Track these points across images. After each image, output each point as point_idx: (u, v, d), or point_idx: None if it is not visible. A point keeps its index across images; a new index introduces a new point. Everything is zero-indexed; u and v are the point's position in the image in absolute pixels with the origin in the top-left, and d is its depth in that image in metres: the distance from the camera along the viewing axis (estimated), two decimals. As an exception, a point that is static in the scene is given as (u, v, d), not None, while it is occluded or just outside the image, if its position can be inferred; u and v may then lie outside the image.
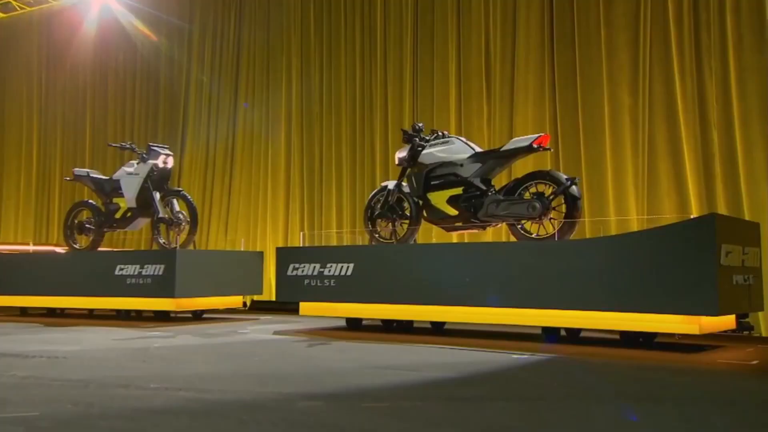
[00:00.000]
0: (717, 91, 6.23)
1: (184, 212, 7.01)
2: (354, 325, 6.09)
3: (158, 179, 7.07)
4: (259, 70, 9.50)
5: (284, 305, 7.77)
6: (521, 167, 6.66)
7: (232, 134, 9.64)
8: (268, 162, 9.22)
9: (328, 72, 8.87)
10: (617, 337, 4.81)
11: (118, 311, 7.36)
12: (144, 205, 7.13)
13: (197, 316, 7.31)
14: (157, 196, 7.03)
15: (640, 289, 4.25)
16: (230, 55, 9.80)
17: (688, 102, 6.39)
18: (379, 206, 5.89)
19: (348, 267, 5.63)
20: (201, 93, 9.98)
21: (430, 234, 6.70)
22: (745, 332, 5.49)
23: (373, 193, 6.09)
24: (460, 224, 5.46)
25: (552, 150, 5.56)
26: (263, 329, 6.14)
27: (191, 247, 7.10)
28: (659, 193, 6.40)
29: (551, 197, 4.96)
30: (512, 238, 5.37)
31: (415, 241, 5.86)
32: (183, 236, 6.98)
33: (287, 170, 9.09)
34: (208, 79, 9.87)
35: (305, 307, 5.96)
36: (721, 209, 6.05)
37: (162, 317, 7.04)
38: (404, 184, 5.80)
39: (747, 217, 5.86)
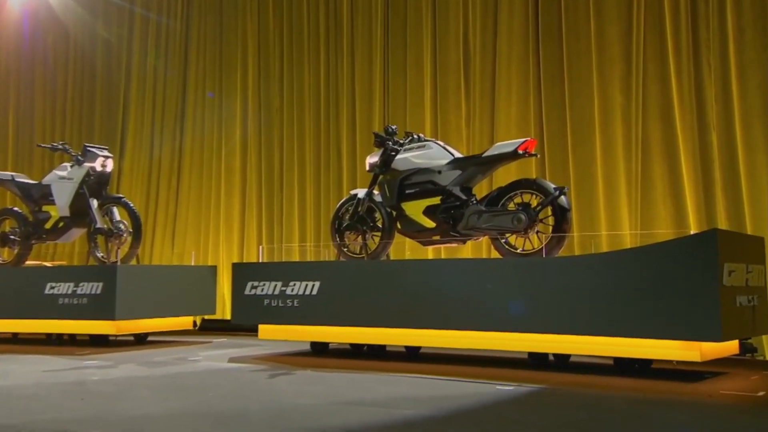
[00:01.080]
0: (716, 89, 6.35)
1: (125, 222, 6.92)
2: (320, 349, 6.07)
3: (95, 184, 6.96)
4: (211, 59, 9.42)
5: (240, 325, 7.71)
6: (505, 175, 6.72)
7: (179, 132, 9.54)
8: (221, 164, 9.14)
9: (289, 62, 8.83)
10: (610, 362, 4.88)
11: (49, 335, 7.21)
12: (79, 213, 7.01)
13: (141, 339, 7.20)
14: (95, 203, 6.92)
15: (635, 311, 4.32)
16: (178, 40, 9.71)
17: (685, 101, 6.52)
18: (347, 217, 5.88)
19: (313, 285, 5.61)
20: (144, 84, 9.85)
21: (403, 248, 6.71)
22: (749, 354, 5.63)
23: (341, 202, 6.08)
24: (437, 237, 5.49)
25: (538, 156, 5.61)
26: (217, 355, 6.08)
27: (133, 261, 6.99)
28: (654, 200, 6.51)
29: (538, 208, 5.01)
30: (495, 254, 5.40)
31: (387, 256, 5.86)
32: (124, 249, 6.87)
33: (243, 173, 9.03)
34: (160, 63, 9.72)
35: (265, 330, 5.92)
36: (721, 218, 6.19)
37: (100, 342, 6.91)
38: (376, 192, 5.80)
39: (749, 227, 6.01)
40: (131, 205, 6.98)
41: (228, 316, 7.99)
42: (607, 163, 6.77)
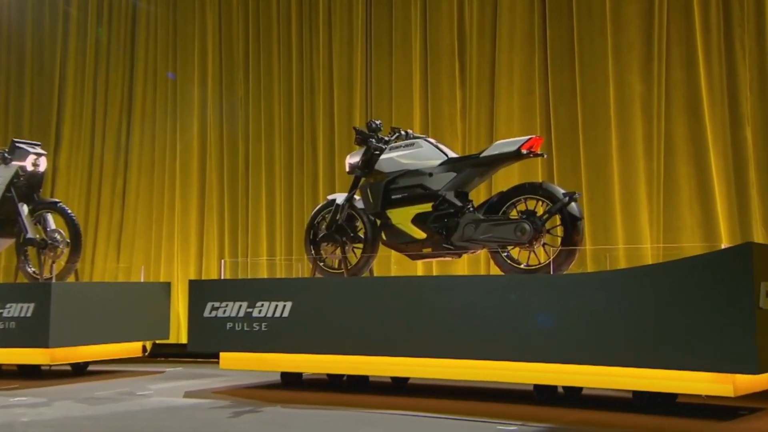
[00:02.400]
0: (751, 76, 6.41)
1: (61, 231, 6.89)
2: (292, 381, 6.07)
3: (26, 187, 6.93)
4: (163, 36, 9.39)
5: (198, 352, 7.68)
6: (506, 178, 6.75)
7: (126, 124, 9.50)
8: (175, 162, 9.11)
9: (256, 42, 8.83)
10: (629, 396, 4.91)
11: (-31, 366, 7.15)
12: (6, 221, 6.96)
13: (80, 370, 7.15)
14: (25, 209, 6.89)
15: (658, 338, 4.34)
16: (123, 15, 9.66)
17: (715, 90, 6.57)
18: (324, 226, 5.89)
19: (284, 306, 5.62)
20: (83, 67, 9.79)
21: (389, 262, 6.72)
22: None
23: (317, 208, 6.08)
24: (428, 250, 5.50)
25: (545, 155, 5.64)
26: (171, 389, 6.05)
27: (71, 278, 6.96)
28: (679, 206, 6.56)
29: (545, 217, 5.04)
30: (495, 270, 5.42)
31: (371, 272, 5.87)
32: (60, 263, 6.85)
33: (201, 173, 9.01)
34: (102, 34, 9.66)
35: (227, 358, 5.92)
36: (757, 228, 6.25)
37: (31, 374, 6.86)
38: (357, 197, 5.81)
39: (788, 235, 6.09)
40: (68, 211, 6.95)
41: (184, 341, 7.95)
42: (624, 163, 6.82)
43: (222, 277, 6.33)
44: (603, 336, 4.54)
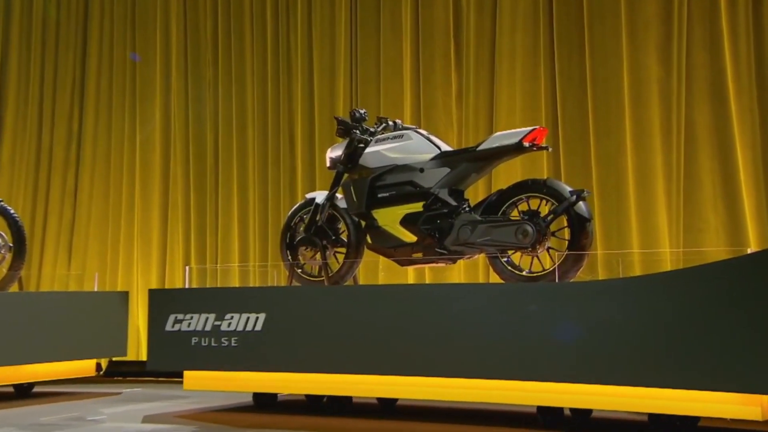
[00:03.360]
0: (784, 59, 6.49)
1: (3, 234, 6.86)
2: (265, 403, 6.07)
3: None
4: (120, 12, 9.36)
5: (159, 371, 7.67)
6: (507, 174, 6.76)
7: (78, 112, 9.49)
8: (134, 155, 9.10)
9: (225, 21, 8.83)
10: (644, 419, 4.92)
11: None
12: (-61, 223, 6.95)
13: (24, 392, 7.12)
14: (-40, 209, 6.87)
15: (676, 354, 4.36)
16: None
17: (742, 75, 6.61)
18: (302, 228, 5.89)
19: (256, 319, 5.61)
20: (29, 45, 9.74)
21: (375, 268, 6.73)
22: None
23: (294, 208, 6.09)
24: (419, 255, 5.51)
25: (550, 149, 5.66)
26: (128, 413, 6.04)
27: (14, 287, 6.93)
28: (701, 204, 6.61)
29: (550, 218, 5.05)
30: (494, 277, 5.43)
31: (355, 279, 5.88)
32: (2, 270, 6.82)
33: (164, 167, 9.00)
34: (51, 11, 9.63)
35: (192, 377, 5.91)
36: (788, 229, 6.30)
37: (-31, 395, 6.83)
38: (339, 196, 5.82)
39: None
40: (11, 211, 6.93)
41: (144, 358, 7.92)
42: (640, 156, 6.85)
43: (187, 286, 6.30)
44: (615, 352, 4.54)
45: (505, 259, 5.23)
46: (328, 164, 5.90)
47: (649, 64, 6.90)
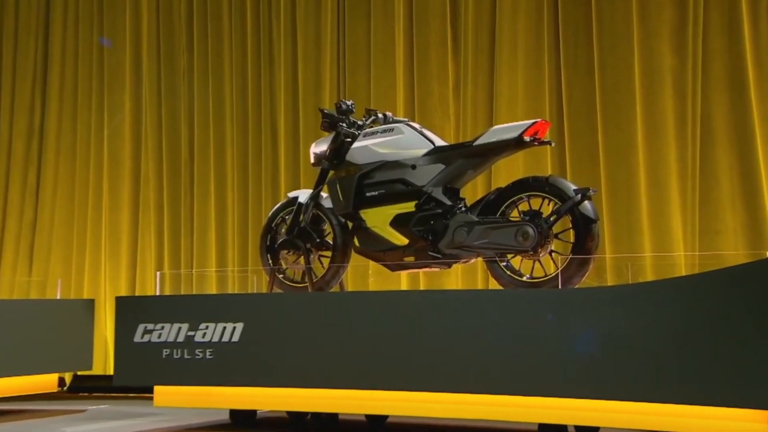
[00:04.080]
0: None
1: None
2: (243, 420, 6.07)
3: None
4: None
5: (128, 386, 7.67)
6: (508, 171, 6.79)
7: (40, 102, 9.53)
8: (102, 149, 9.13)
9: (201, 2, 8.90)
10: (655, 437, 4.96)
11: None
12: None
13: (-19, 409, 7.13)
14: None
15: (690, 367, 4.35)
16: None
17: (763, 62, 6.65)
18: (284, 230, 5.91)
19: (234, 329, 5.59)
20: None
21: (365, 273, 6.75)
22: None
23: (275, 208, 6.10)
24: (411, 259, 5.52)
25: (554, 144, 5.68)
26: (93, 432, 6.06)
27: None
28: (718, 204, 6.65)
29: (552, 218, 5.07)
30: (492, 283, 5.45)
31: (341, 285, 5.90)
32: (-42, 276, 6.84)
33: (135, 163, 9.03)
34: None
35: (164, 393, 5.87)
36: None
37: None
38: (324, 194, 5.85)
39: None
40: (-31, 211, 6.93)
41: (111, 372, 7.95)
42: (652, 152, 6.91)
43: (158, 293, 6.29)
44: (622, 365, 4.54)
45: (504, 263, 5.24)
46: (312, 160, 5.91)
47: (663, 50, 6.94)
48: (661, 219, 6.78)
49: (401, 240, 5.46)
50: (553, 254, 5.15)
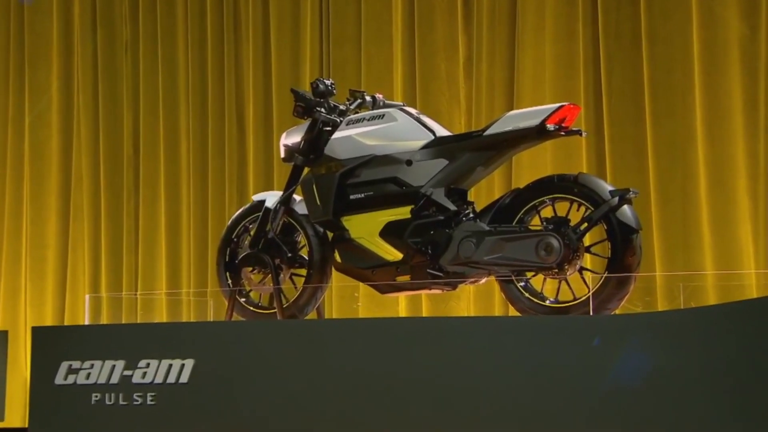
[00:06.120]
0: None
1: None
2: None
3: None
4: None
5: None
6: (531, 167, 6.83)
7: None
8: (22, 142, 9.18)
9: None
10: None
11: None
12: None
13: None
14: None
15: (757, 408, 4.39)
16: None
17: None
18: (247, 242, 5.92)
19: (182, 366, 5.55)
20: None
21: (349, 295, 6.77)
22: None
23: (237, 215, 6.11)
24: (406, 278, 5.52)
25: (586, 133, 5.71)
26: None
27: None
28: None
29: (583, 227, 5.08)
30: (510, 310, 5.47)
31: (319, 311, 5.90)
32: None
33: (65, 159, 9.10)
34: None
35: (92, 448, 5.90)
36: None
37: None
38: (297, 197, 5.85)
39: None
40: None
41: (26, 423, 7.96)
42: (714, 144, 6.93)
43: (87, 322, 6.29)
44: (672, 411, 4.57)
45: (523, 283, 5.23)
46: (282, 155, 5.89)
47: (728, 17, 6.95)
48: (725, 228, 6.79)
49: (394, 254, 5.46)
50: (583, 272, 5.15)
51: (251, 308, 5.92)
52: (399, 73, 7.85)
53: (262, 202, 5.92)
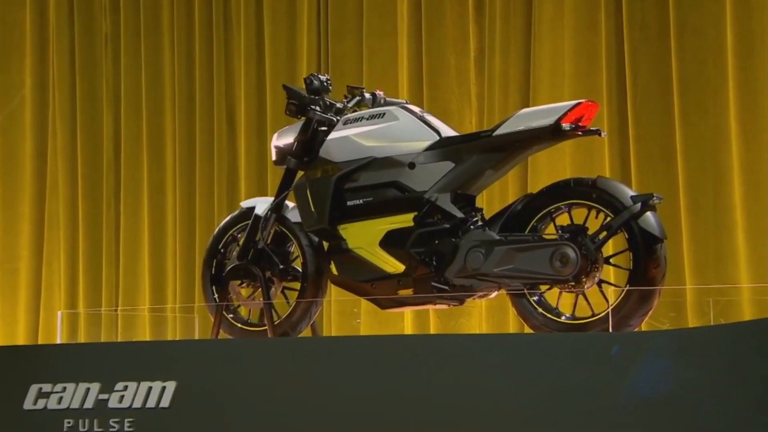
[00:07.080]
0: None
1: None
2: None
3: None
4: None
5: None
6: (549, 170, 6.84)
7: None
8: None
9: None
10: None
11: None
12: None
13: None
14: None
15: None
16: None
17: None
18: (236, 252, 5.94)
19: (163, 389, 5.55)
20: None
21: (348, 310, 6.78)
22: None
23: (224, 223, 6.16)
24: (409, 292, 5.54)
25: (605, 134, 5.71)
26: None
27: None
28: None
29: (602, 236, 5.10)
30: (523, 327, 5.49)
31: (314, 328, 5.93)
32: None
33: (39, 162, 9.17)
34: None
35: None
36: None
37: None
38: (290, 204, 5.88)
39: None
40: None
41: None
42: (750, 146, 6.94)
43: (60, 341, 6.30)
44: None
45: (536, 297, 5.25)
46: (273, 157, 5.92)
47: (766, 5, 6.97)
48: (761, 237, 6.80)
49: (395, 266, 5.48)
50: (602, 285, 5.17)
51: (239, 325, 5.95)
52: (404, 68, 7.87)
53: (252, 209, 5.94)
